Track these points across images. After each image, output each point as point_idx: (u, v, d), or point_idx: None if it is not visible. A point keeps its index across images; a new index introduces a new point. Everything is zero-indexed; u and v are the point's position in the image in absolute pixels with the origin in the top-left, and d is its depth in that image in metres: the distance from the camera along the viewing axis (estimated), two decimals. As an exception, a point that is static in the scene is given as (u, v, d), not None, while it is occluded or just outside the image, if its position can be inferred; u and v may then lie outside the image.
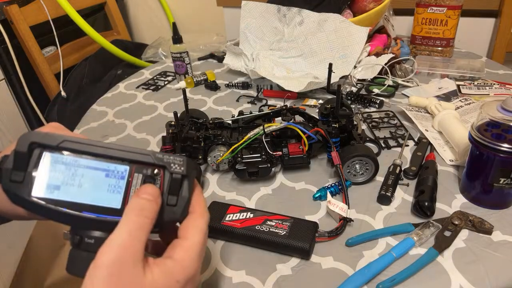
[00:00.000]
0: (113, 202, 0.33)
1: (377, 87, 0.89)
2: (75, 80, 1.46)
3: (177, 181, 0.34)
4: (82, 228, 0.33)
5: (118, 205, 0.33)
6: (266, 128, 0.60)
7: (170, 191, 0.34)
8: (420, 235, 0.50)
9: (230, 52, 1.05)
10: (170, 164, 0.34)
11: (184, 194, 0.34)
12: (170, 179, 0.34)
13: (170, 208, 0.34)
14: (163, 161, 0.34)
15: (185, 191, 0.34)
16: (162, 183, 0.34)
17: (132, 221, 0.30)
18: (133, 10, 2.04)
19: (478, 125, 0.52)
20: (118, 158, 0.34)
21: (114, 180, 0.33)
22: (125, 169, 0.34)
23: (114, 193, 0.33)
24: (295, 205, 0.58)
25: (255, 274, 0.48)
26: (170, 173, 0.34)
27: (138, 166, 0.34)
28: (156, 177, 0.34)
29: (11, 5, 1.33)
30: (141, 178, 0.34)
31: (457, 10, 1.00)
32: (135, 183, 0.34)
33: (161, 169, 0.34)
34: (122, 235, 0.30)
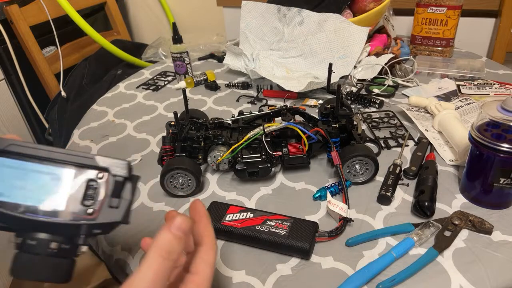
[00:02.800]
0: (57, 205, 0.34)
1: (377, 87, 0.89)
2: (75, 80, 1.46)
3: (119, 183, 0.35)
4: (26, 230, 0.34)
5: (61, 207, 0.34)
6: (266, 128, 0.60)
7: (112, 193, 0.35)
8: (420, 235, 0.50)
9: (230, 52, 1.05)
10: (113, 166, 0.36)
11: (126, 196, 0.36)
12: (112, 182, 0.35)
13: (112, 210, 0.35)
14: (106, 164, 0.35)
15: (127, 193, 0.36)
16: (106, 186, 0.35)
17: (157, 264, 0.30)
18: (133, 10, 2.04)
19: (478, 125, 0.52)
20: (64, 162, 0.35)
21: (59, 183, 0.34)
22: (69, 172, 0.35)
23: (58, 195, 0.34)
24: (295, 205, 0.58)
25: (255, 274, 0.48)
26: (112, 175, 0.35)
27: (82, 170, 0.35)
28: (100, 180, 0.35)
29: (11, 5, 1.33)
30: (85, 180, 0.35)
31: (457, 10, 1.00)
32: (78, 186, 0.35)
33: (104, 173, 0.35)
34: (146, 278, 0.29)
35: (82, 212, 0.35)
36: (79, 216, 0.35)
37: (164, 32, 2.00)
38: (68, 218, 0.34)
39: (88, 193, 0.35)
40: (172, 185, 0.60)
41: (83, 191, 0.35)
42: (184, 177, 0.59)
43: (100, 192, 0.35)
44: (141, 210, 0.59)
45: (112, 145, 0.77)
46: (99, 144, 0.78)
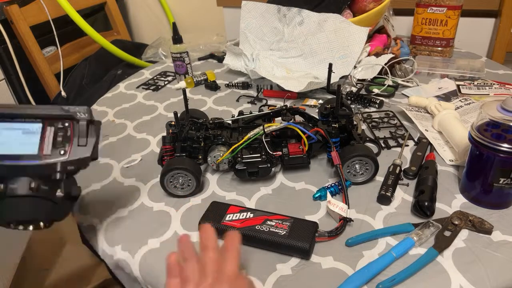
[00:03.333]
0: (31, 150, 0.41)
1: (377, 87, 0.89)
2: (75, 80, 1.46)
3: (84, 126, 0.42)
4: (7, 176, 0.40)
5: (35, 151, 0.41)
6: (266, 128, 0.60)
7: (80, 134, 0.42)
8: (420, 235, 0.50)
9: (230, 52, 1.05)
10: (76, 113, 0.42)
11: (92, 136, 0.43)
12: (78, 125, 0.42)
13: (81, 148, 0.42)
14: (69, 112, 0.42)
15: (93, 133, 0.43)
16: (72, 131, 0.42)
17: None
18: (133, 10, 2.04)
19: (478, 125, 0.52)
20: (32, 116, 0.42)
21: (30, 134, 0.41)
22: (38, 126, 0.42)
23: (31, 144, 0.41)
24: (295, 205, 0.58)
25: (255, 274, 0.48)
26: (77, 120, 0.42)
27: (50, 121, 0.42)
28: (67, 127, 0.42)
29: (11, 5, 1.33)
30: (53, 129, 0.42)
31: (457, 10, 1.00)
32: (48, 134, 0.42)
33: (71, 121, 0.42)
34: None
35: (55, 153, 0.41)
36: (52, 157, 0.41)
37: (164, 32, 2.00)
38: (43, 159, 0.41)
39: (58, 139, 0.42)
40: (172, 185, 0.60)
41: (53, 137, 0.42)
42: (184, 177, 0.59)
43: (68, 136, 0.42)
44: (141, 210, 0.59)
45: (112, 145, 0.77)
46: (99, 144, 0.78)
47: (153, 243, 0.53)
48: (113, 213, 0.59)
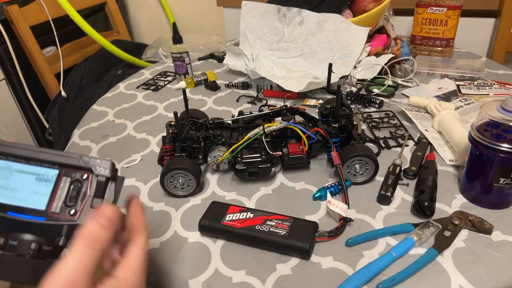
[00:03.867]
0: (38, 204, 0.34)
1: (377, 87, 0.89)
2: (75, 80, 1.46)
3: (102, 184, 0.35)
4: (8, 229, 0.34)
5: (42, 207, 0.34)
6: (266, 128, 0.60)
7: (95, 194, 0.35)
8: (420, 235, 0.50)
9: (230, 52, 1.05)
10: (96, 166, 0.35)
11: (109, 197, 0.35)
12: (95, 182, 0.35)
13: (94, 211, 0.35)
14: (89, 164, 0.35)
15: (111, 194, 0.36)
16: (89, 186, 0.35)
17: (82, 252, 0.30)
18: (133, 10, 2.04)
19: (478, 125, 0.52)
20: (49, 162, 0.35)
21: (43, 183, 0.35)
22: (54, 173, 0.35)
23: (41, 195, 0.34)
24: (295, 205, 0.58)
25: (255, 274, 0.48)
26: (95, 175, 0.35)
27: (67, 170, 0.35)
28: (84, 181, 0.35)
29: (11, 5, 1.33)
30: (69, 181, 0.35)
31: (457, 10, 1.00)
32: (62, 186, 0.35)
33: (89, 173, 0.35)
34: (69, 267, 0.29)
35: (64, 212, 0.35)
36: (60, 216, 0.35)
37: (164, 32, 2.00)
38: (49, 219, 0.34)
39: (71, 194, 0.35)
40: (172, 185, 0.60)
41: (66, 191, 0.35)
42: (184, 177, 0.59)
43: (82, 193, 0.35)
44: (141, 210, 0.59)
45: (112, 145, 0.77)
46: (99, 144, 0.78)
47: (153, 243, 0.53)
48: (113, 213, 0.59)
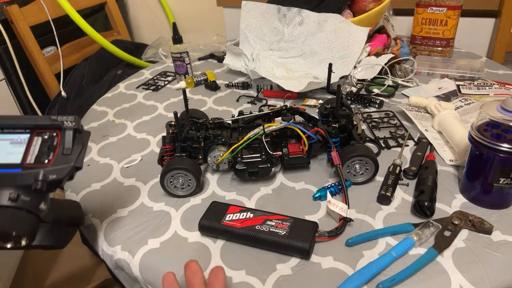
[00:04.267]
0: (14, 160, 0.40)
1: (377, 87, 0.89)
2: (75, 80, 1.46)
3: (70, 134, 0.42)
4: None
5: (18, 161, 0.40)
6: (266, 128, 0.60)
7: (65, 143, 0.41)
8: (420, 235, 0.50)
9: (230, 52, 1.05)
10: (63, 122, 0.42)
11: (78, 144, 0.42)
12: (64, 134, 0.42)
13: (65, 157, 0.41)
14: (57, 121, 0.42)
15: (79, 142, 0.42)
16: (59, 141, 0.42)
17: None
18: (133, 10, 2.04)
19: (478, 125, 0.52)
20: (20, 127, 0.42)
21: (16, 145, 0.41)
22: (26, 136, 0.42)
23: (16, 154, 0.41)
24: (295, 205, 0.58)
25: (255, 274, 0.48)
26: (64, 129, 0.42)
27: (38, 131, 0.42)
28: (55, 137, 0.42)
29: (11, 5, 1.33)
30: (41, 139, 0.42)
31: (457, 10, 1.00)
32: (34, 144, 0.41)
33: (58, 131, 0.42)
34: None
35: (38, 162, 0.40)
36: (35, 165, 0.40)
37: (164, 32, 2.00)
38: (25, 169, 0.40)
39: (43, 148, 0.41)
40: (172, 185, 0.60)
41: (39, 147, 0.41)
42: (184, 177, 0.59)
43: (54, 145, 0.41)
44: (141, 210, 0.59)
45: (112, 145, 0.77)
46: (99, 144, 0.78)
47: (153, 243, 0.53)
48: (113, 213, 0.59)
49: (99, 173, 0.68)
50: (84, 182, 0.66)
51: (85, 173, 0.69)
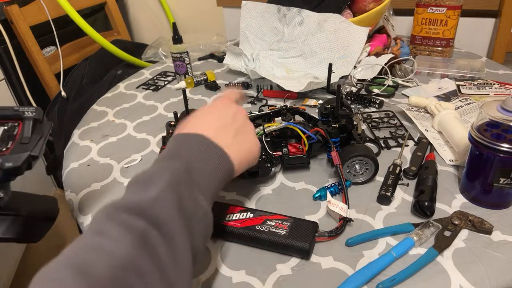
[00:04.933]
0: None
1: (377, 87, 0.89)
2: (75, 80, 1.46)
3: (29, 124, 0.42)
4: None
5: None
6: (266, 128, 0.60)
7: (24, 132, 0.42)
8: (420, 235, 0.50)
9: (230, 52, 1.05)
10: (24, 112, 0.42)
11: (37, 134, 0.42)
12: (24, 123, 0.42)
13: (24, 145, 0.41)
14: (18, 111, 0.42)
15: (38, 132, 0.42)
16: (19, 131, 0.42)
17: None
18: (133, 10, 2.04)
19: (478, 125, 0.52)
20: None
21: None
22: None
23: None
24: (295, 205, 0.58)
25: (255, 274, 0.48)
26: (24, 118, 0.42)
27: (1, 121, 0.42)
28: (16, 127, 0.42)
29: (11, 5, 1.33)
30: (2, 130, 0.42)
31: (457, 10, 1.00)
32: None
33: (19, 121, 0.42)
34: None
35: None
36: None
37: (164, 32, 2.00)
38: None
39: (2, 138, 0.41)
40: (172, 185, 0.60)
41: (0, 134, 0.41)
42: (184, 177, 0.59)
43: (13, 135, 0.42)
44: (141, 210, 0.59)
45: (112, 145, 0.77)
46: (99, 144, 0.78)
47: (153, 243, 0.53)
48: (113, 213, 0.59)
49: (99, 173, 0.68)
50: (84, 182, 0.66)
51: (85, 173, 0.69)
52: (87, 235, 0.32)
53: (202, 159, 0.42)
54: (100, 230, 0.32)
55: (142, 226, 0.33)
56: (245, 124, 0.51)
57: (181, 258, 0.34)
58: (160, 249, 0.33)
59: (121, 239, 0.31)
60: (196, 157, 0.42)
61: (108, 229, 0.32)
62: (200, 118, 0.49)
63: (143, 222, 0.33)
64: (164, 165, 0.40)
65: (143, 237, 0.32)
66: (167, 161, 0.42)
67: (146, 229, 0.33)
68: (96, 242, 0.31)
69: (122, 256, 0.30)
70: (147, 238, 0.32)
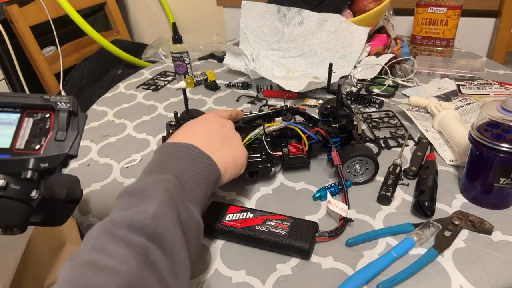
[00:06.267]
0: (2, 144, 0.36)
1: (377, 87, 0.89)
2: (75, 80, 1.46)
3: (64, 118, 0.38)
4: None
5: (7, 145, 0.36)
6: (266, 128, 0.60)
7: (58, 127, 0.37)
8: (420, 235, 0.50)
9: (230, 52, 1.05)
10: (57, 103, 0.38)
11: (73, 129, 0.38)
12: (57, 117, 0.38)
13: (58, 143, 0.37)
14: (50, 101, 0.37)
15: (74, 127, 0.38)
16: (52, 124, 0.38)
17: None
18: (133, 10, 2.04)
19: (478, 125, 0.52)
20: (10, 106, 0.38)
21: (5, 126, 0.37)
22: (16, 116, 0.38)
23: (4, 137, 0.37)
24: (295, 205, 0.58)
25: (255, 274, 0.48)
26: (57, 111, 0.37)
27: (29, 112, 0.38)
28: (47, 119, 0.38)
29: (11, 5, 1.33)
30: (32, 121, 0.38)
31: (457, 10, 1.00)
32: (25, 126, 0.37)
33: (51, 111, 0.38)
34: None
35: (28, 147, 0.36)
36: (25, 151, 0.36)
37: (164, 32, 2.00)
38: (14, 155, 0.36)
39: (34, 132, 0.37)
40: (172, 185, 0.60)
41: (30, 130, 0.37)
42: (184, 177, 0.59)
43: (46, 129, 0.37)
44: (141, 210, 0.59)
45: (112, 145, 0.77)
46: (99, 144, 0.78)
47: (153, 243, 0.53)
48: (113, 213, 0.59)
49: (99, 173, 0.68)
50: (84, 182, 0.66)
51: (85, 173, 0.69)
52: (87, 252, 0.32)
53: (192, 171, 0.43)
54: (100, 248, 0.32)
55: (143, 242, 0.33)
56: (232, 134, 0.53)
57: (181, 270, 0.35)
58: (161, 264, 0.33)
59: (125, 257, 0.31)
60: (186, 168, 0.43)
61: (110, 247, 0.32)
62: (188, 129, 0.51)
63: (143, 238, 0.34)
64: (156, 178, 0.40)
65: (145, 254, 0.33)
66: (158, 173, 0.42)
67: (146, 245, 0.33)
68: (99, 260, 0.31)
69: (128, 274, 0.30)
70: (148, 254, 0.33)
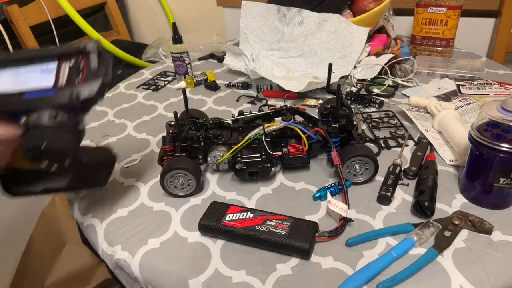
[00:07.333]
0: (47, 84, 0.44)
1: (377, 87, 0.89)
2: (75, 80, 1.46)
3: (94, 57, 0.44)
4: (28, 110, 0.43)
5: (50, 85, 0.44)
6: (266, 128, 0.60)
7: (91, 63, 0.44)
8: (420, 235, 0.50)
9: (230, 52, 1.05)
10: (86, 47, 0.44)
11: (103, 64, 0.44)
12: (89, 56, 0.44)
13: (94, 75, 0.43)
14: (81, 46, 0.44)
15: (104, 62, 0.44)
16: (84, 64, 0.44)
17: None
18: (133, 10, 2.04)
19: (478, 125, 0.52)
20: (48, 56, 0.45)
21: (47, 72, 0.45)
22: (54, 63, 0.45)
23: (48, 79, 0.44)
24: (295, 205, 0.58)
25: (255, 274, 0.48)
26: (87, 52, 0.44)
27: (65, 58, 0.45)
28: (81, 61, 0.44)
29: (11, 5, 1.33)
30: (68, 64, 0.44)
31: (457, 10, 1.00)
32: (63, 69, 0.44)
33: (83, 55, 0.44)
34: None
35: (69, 83, 0.44)
36: (67, 85, 0.43)
37: (164, 32, 2.00)
38: (58, 90, 0.43)
39: (72, 71, 0.44)
40: (172, 185, 0.60)
41: (68, 71, 0.44)
42: (184, 177, 0.59)
43: (81, 68, 0.44)
44: (141, 210, 0.59)
45: (112, 145, 0.77)
46: (99, 144, 0.78)
47: (153, 243, 0.53)
48: (113, 213, 0.59)
49: (99, 173, 0.68)
50: (84, 182, 0.66)
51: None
52: None
53: None
54: None
55: None
56: None
57: None
58: None
59: None
60: None
61: None
62: None
63: None
64: None
65: None
66: None
67: None
68: None
69: None
70: None
